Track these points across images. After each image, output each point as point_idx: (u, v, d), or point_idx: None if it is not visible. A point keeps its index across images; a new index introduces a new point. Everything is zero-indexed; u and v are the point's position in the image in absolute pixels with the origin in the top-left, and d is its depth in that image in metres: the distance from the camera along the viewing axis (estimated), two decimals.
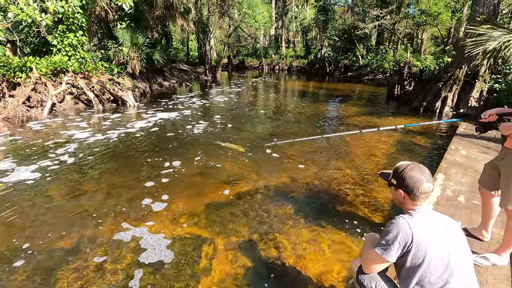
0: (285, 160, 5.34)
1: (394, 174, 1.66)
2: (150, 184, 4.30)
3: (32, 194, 3.98)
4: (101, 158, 5.32)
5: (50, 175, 4.55)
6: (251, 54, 38.84)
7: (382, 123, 8.35)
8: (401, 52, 24.02)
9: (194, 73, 21.88)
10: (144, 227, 3.26)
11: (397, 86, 12.09)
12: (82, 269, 2.61)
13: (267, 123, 8.32)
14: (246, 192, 4.14)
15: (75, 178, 4.55)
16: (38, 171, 4.68)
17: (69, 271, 2.59)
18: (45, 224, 3.28)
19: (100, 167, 4.96)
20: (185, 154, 5.56)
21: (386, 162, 5.29)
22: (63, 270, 2.60)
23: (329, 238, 3.13)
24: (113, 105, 10.31)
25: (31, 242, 2.96)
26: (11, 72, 8.52)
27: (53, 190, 4.12)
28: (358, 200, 3.95)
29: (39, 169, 4.75)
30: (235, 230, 3.24)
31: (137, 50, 13.20)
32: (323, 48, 26.47)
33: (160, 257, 2.78)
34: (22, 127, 7.21)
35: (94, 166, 4.99)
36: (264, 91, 15.87)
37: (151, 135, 6.86)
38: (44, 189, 4.14)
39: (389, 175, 1.74)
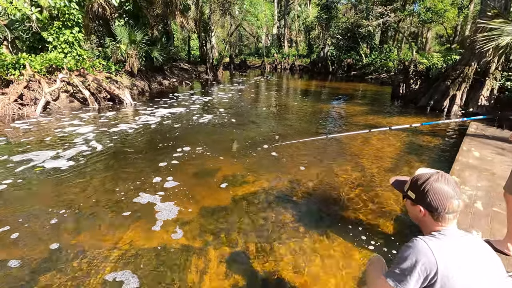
0: (286, 161, 5.02)
1: (412, 185, 1.31)
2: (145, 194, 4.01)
3: (72, 177, 4.32)
4: (95, 158, 5.03)
5: (69, 167, 4.29)
6: (253, 53, 38.53)
7: (388, 122, 8.00)
8: (406, 51, 23.60)
9: (195, 72, 21.60)
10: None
11: (402, 85, 11.71)
12: (117, 215, 3.34)
13: (268, 122, 7.99)
14: (243, 195, 3.83)
15: (92, 168, 4.71)
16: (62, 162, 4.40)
17: (112, 216, 3.33)
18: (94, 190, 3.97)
19: (95, 167, 4.68)
20: (181, 154, 5.26)
21: (394, 163, 4.95)
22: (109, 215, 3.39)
23: (332, 249, 2.80)
24: (110, 104, 10.03)
25: (96, 202, 3.70)
26: (4, 69, 8.28)
27: (88, 174, 4.52)
28: (364, 205, 3.61)
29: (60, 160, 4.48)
30: (228, 239, 2.93)
31: (136, 48, 12.93)
32: (326, 47, 26.09)
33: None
34: (11, 126, 6.94)
35: (86, 169, 4.71)
36: (266, 90, 15.55)
37: (142, 136, 6.57)
38: (81, 173, 4.47)
39: (404, 184, 1.40)
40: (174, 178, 4.28)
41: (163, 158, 5.06)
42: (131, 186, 4.01)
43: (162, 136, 6.42)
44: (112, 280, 2.39)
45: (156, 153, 5.35)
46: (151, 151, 5.52)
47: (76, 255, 2.66)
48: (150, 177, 4.29)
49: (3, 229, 3.01)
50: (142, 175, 4.38)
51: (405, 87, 11.51)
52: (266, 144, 5.89)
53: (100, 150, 5.48)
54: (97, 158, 5.08)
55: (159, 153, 5.32)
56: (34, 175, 4.32)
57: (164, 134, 6.60)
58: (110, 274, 2.44)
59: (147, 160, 5.05)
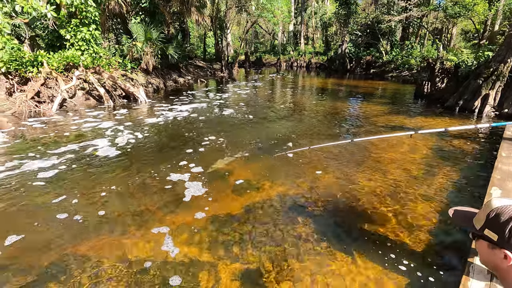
0: (304, 165, 4.69)
1: (491, 222, 0.95)
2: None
3: (118, 161, 4.87)
4: (130, 149, 4.91)
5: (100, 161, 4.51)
6: (269, 51, 38.07)
7: (413, 123, 7.48)
8: (429, 48, 22.51)
9: (210, 70, 21.49)
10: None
11: (427, 83, 11.05)
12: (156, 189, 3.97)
13: (284, 121, 7.66)
14: (258, 203, 3.54)
15: (131, 156, 5.21)
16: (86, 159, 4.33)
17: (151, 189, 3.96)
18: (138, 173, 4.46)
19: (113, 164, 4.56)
20: (193, 156, 5.05)
21: (423, 171, 4.52)
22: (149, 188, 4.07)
23: (358, 271, 2.48)
24: (124, 101, 10.00)
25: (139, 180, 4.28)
26: (23, 66, 8.37)
27: (128, 160, 5.07)
28: (391, 219, 3.25)
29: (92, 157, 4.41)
30: (241, 254, 2.66)
31: (151, 45, 12.90)
32: (344, 44, 25.32)
33: None
34: (27, 123, 6.97)
35: (102, 166, 4.59)
36: (282, 88, 15.18)
37: (150, 136, 6.41)
38: (113, 164, 4.78)
39: (470, 218, 1.05)
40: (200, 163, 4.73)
41: (189, 147, 4.89)
42: (168, 166, 4.60)
43: (178, 133, 6.25)
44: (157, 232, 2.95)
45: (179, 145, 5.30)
46: (175, 142, 5.42)
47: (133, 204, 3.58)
48: (178, 162, 4.76)
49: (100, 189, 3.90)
50: (172, 160, 4.84)
51: (430, 85, 10.85)
52: (282, 145, 5.58)
53: (134, 141, 5.84)
54: (132, 148, 5.47)
55: (182, 146, 5.19)
56: (91, 161, 4.83)
57: (179, 132, 6.44)
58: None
59: (174, 149, 5.47)
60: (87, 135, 6.21)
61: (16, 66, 8.18)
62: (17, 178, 4.14)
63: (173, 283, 2.33)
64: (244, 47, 30.63)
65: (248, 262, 2.57)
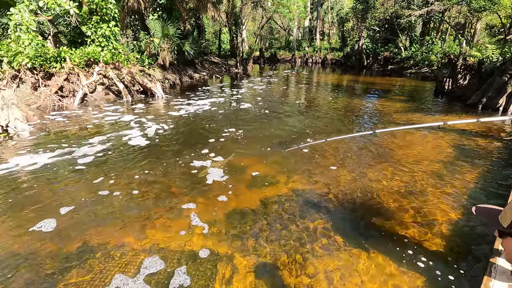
0: (321, 161, 4.68)
1: None
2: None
3: (147, 150, 5.34)
4: (158, 139, 5.07)
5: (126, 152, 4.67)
6: (284, 47, 37.78)
7: (432, 121, 7.27)
8: (450, 43, 21.69)
9: (225, 66, 21.59)
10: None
11: (448, 80, 10.69)
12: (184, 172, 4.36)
13: (300, 117, 7.63)
14: (273, 197, 3.57)
15: (158, 145, 5.56)
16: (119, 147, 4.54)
17: (178, 174, 4.32)
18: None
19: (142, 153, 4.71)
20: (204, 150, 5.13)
21: (443, 169, 4.40)
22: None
23: (374, 267, 2.47)
24: (142, 96, 10.23)
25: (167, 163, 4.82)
26: (47, 62, 8.70)
27: (156, 149, 5.48)
28: (409, 216, 3.20)
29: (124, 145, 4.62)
30: (256, 247, 2.70)
31: (168, 41, 13.08)
32: (361, 40, 24.77)
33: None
34: (51, 116, 7.26)
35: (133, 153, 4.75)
36: (297, 84, 15.07)
37: (174, 128, 6.54)
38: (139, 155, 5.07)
39: (495, 215, 1.04)
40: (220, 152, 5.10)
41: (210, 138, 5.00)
42: (192, 154, 4.98)
43: (196, 128, 6.36)
44: (185, 208, 3.36)
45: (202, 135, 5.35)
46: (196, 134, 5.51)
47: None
48: (201, 151, 5.15)
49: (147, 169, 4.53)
50: (195, 148, 5.27)
51: (451, 82, 10.49)
52: (298, 139, 5.58)
53: (160, 132, 6.23)
54: (158, 138, 5.84)
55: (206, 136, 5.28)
56: (121, 149, 5.21)
57: (200, 125, 6.54)
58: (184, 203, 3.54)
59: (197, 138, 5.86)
60: (114, 127, 6.56)
61: (41, 61, 8.52)
62: (57, 164, 4.45)
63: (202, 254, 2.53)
64: (259, 43, 30.51)
65: (263, 255, 2.61)
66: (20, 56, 8.08)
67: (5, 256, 2.57)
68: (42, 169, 4.30)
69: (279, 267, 2.46)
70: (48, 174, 4.16)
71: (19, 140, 5.56)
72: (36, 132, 6.07)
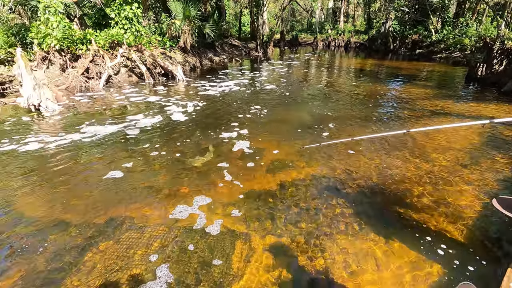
0: (340, 147, 4.62)
1: None
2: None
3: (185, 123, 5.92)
4: (193, 115, 5.26)
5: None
6: (305, 30, 36.62)
7: (462, 109, 6.91)
8: (487, 26, 20.11)
9: (245, 49, 21.31)
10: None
11: (482, 65, 10.01)
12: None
13: (320, 103, 7.49)
14: (292, 181, 3.60)
15: (192, 121, 6.13)
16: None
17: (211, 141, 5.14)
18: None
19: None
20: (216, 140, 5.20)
21: (471, 161, 4.22)
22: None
23: (391, 253, 2.47)
24: (163, 79, 10.39)
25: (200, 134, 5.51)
26: (74, 44, 8.98)
27: (190, 123, 6.06)
28: (429, 204, 3.13)
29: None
30: (275, 228, 2.76)
31: (189, 23, 13.04)
32: (388, 21, 23.50)
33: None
34: (80, 97, 7.57)
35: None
36: (318, 69, 14.69)
37: (204, 106, 6.64)
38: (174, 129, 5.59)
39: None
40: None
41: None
42: (222, 127, 5.57)
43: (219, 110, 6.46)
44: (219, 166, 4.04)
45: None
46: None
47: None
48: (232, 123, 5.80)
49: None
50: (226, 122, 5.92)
51: (485, 68, 9.82)
52: (319, 124, 5.51)
53: (195, 109, 6.77)
54: (192, 115, 6.36)
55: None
56: (163, 125, 5.77)
57: (224, 105, 6.62)
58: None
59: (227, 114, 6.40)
60: (148, 107, 6.95)
61: (68, 43, 8.80)
62: (103, 137, 4.77)
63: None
64: (280, 25, 29.70)
65: (280, 234, 2.67)
66: (49, 38, 8.38)
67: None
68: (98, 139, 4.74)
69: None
70: (97, 149, 4.49)
71: (64, 117, 5.89)
72: (65, 111, 6.37)
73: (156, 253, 2.44)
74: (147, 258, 2.38)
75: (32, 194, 3.26)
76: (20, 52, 6.39)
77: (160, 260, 2.37)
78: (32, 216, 2.89)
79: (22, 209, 3.00)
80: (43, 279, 2.20)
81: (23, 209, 3.00)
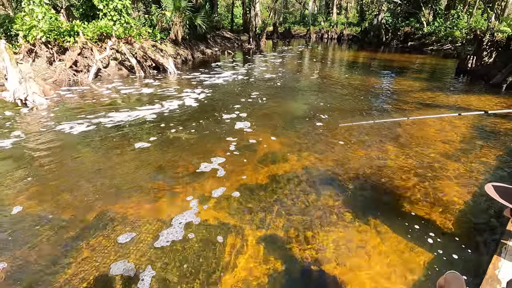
0: (332, 139, 4.64)
1: None
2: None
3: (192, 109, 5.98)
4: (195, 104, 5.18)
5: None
6: (298, 22, 36.34)
7: (452, 101, 7.00)
8: (477, 18, 20.28)
9: (237, 41, 21.07)
10: None
11: (472, 58, 10.13)
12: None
13: (311, 95, 7.49)
14: (284, 173, 3.61)
15: (195, 109, 5.78)
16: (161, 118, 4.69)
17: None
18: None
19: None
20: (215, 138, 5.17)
21: (460, 152, 4.29)
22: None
23: (381, 242, 2.51)
24: (154, 72, 10.22)
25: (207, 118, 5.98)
26: (61, 36, 8.72)
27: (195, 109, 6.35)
28: (420, 195, 3.19)
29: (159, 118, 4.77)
30: (266, 221, 2.78)
31: (180, 15, 12.80)
32: (380, 14, 23.47)
33: None
34: (68, 91, 7.39)
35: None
36: (311, 61, 14.64)
37: (208, 96, 6.57)
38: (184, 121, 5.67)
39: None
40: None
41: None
42: (225, 111, 6.16)
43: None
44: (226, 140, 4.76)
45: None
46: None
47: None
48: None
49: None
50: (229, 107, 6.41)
51: (475, 60, 9.94)
52: (315, 113, 5.52)
53: (196, 100, 6.87)
54: (196, 104, 6.40)
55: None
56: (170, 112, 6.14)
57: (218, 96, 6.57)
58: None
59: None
60: (139, 100, 6.91)
61: (55, 35, 8.55)
62: (91, 131, 4.55)
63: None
64: (273, 17, 29.39)
65: (274, 227, 2.69)
66: (34, 30, 8.13)
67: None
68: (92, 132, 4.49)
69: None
70: (98, 141, 4.37)
71: (51, 111, 5.75)
72: (53, 105, 6.23)
73: (150, 243, 2.43)
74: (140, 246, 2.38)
75: (20, 189, 3.20)
76: (4, 45, 6.19)
77: (153, 251, 2.36)
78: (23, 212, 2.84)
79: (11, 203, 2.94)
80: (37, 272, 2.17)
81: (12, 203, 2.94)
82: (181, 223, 2.73)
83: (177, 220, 2.76)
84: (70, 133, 4.75)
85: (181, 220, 2.77)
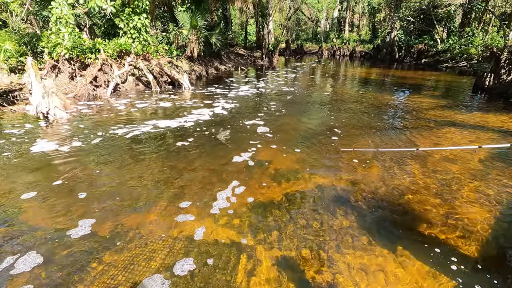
0: (346, 158, 4.57)
1: None
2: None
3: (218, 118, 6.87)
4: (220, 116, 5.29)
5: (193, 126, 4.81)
6: (311, 39, 36.95)
7: (469, 119, 6.83)
8: (493, 35, 20.07)
9: (250, 58, 21.54)
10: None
11: (489, 75, 9.95)
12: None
13: (324, 113, 7.47)
14: (297, 192, 3.56)
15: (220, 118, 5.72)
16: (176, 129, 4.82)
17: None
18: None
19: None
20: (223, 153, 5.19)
21: (482, 172, 4.14)
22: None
23: (402, 269, 2.40)
24: (170, 87, 10.50)
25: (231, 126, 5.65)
26: (83, 53, 9.15)
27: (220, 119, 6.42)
28: (441, 219, 3.06)
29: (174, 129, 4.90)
30: (279, 242, 2.72)
31: (196, 33, 13.24)
32: (393, 31, 23.60)
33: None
34: (87, 105, 7.65)
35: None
36: (323, 78, 14.72)
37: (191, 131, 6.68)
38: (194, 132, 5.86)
39: None
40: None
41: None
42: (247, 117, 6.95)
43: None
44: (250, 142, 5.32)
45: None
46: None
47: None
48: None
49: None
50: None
51: (493, 78, 9.75)
52: (326, 131, 5.48)
53: (198, 119, 6.81)
54: (198, 123, 6.23)
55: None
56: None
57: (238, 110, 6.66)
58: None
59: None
60: (154, 113, 7.10)
61: (77, 52, 8.97)
62: (109, 143, 4.66)
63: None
64: (285, 34, 30.01)
65: (286, 248, 2.62)
66: (59, 47, 8.57)
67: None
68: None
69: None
70: (126, 150, 4.46)
71: (71, 124, 5.96)
72: (73, 119, 6.45)
73: (161, 266, 2.41)
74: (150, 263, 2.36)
75: (39, 202, 3.27)
76: (31, 61, 6.53)
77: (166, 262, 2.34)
78: (37, 225, 2.89)
79: (28, 218, 3.00)
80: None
81: (30, 218, 3.00)
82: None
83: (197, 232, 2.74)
84: (89, 144, 4.88)
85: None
